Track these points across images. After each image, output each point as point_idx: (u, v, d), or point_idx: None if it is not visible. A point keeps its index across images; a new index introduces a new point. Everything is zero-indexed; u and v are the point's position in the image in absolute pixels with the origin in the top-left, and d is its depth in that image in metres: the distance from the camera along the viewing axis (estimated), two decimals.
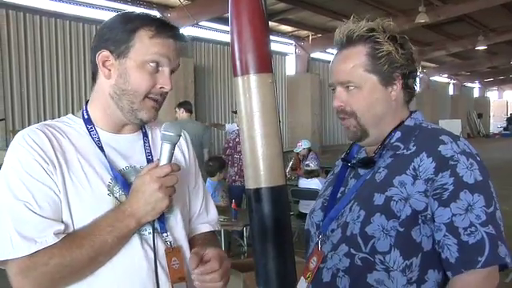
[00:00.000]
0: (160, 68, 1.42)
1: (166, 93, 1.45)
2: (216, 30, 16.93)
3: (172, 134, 1.37)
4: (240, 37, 2.08)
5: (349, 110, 1.53)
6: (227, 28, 2.26)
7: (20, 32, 12.41)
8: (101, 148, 1.43)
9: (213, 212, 1.74)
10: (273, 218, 2.13)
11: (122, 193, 1.40)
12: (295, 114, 19.79)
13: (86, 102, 1.52)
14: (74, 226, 1.34)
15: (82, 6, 13.63)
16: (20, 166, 1.31)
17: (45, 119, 13.42)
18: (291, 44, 20.38)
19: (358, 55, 1.51)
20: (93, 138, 1.44)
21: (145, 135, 1.55)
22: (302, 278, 1.61)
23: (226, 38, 16.42)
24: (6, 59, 12.16)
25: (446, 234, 1.36)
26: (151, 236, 1.41)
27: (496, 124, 39.02)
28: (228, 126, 9.99)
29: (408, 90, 1.56)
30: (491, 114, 39.84)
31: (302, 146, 8.86)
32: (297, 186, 7.41)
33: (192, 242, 1.60)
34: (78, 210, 1.34)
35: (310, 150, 8.80)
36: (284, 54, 20.53)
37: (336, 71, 1.56)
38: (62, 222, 1.32)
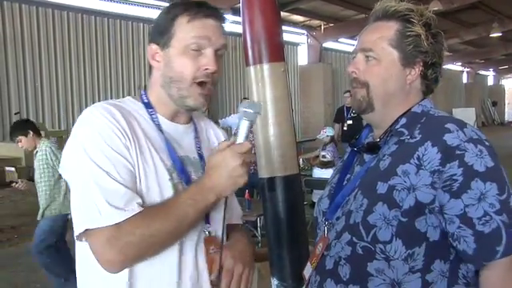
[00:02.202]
0: (203, 51, 1.43)
1: (214, 75, 1.45)
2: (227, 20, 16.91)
3: (251, 111, 1.36)
4: (252, 26, 2.09)
5: (362, 80, 1.52)
6: (238, 18, 2.26)
7: (33, 26, 12.51)
8: (162, 132, 1.46)
9: (238, 207, 1.78)
10: (286, 208, 2.14)
11: (179, 180, 1.43)
12: (308, 104, 19.77)
13: (145, 87, 1.55)
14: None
15: None
16: (101, 138, 1.32)
17: (58, 112, 13.62)
18: (303, 34, 20.31)
19: (388, 29, 1.51)
20: (154, 121, 1.47)
21: (195, 130, 1.58)
22: (309, 263, 1.61)
23: (237, 28, 16.35)
24: (20, 54, 12.27)
25: (461, 225, 1.32)
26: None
27: (511, 112, 38.60)
28: (221, 122, 9.52)
29: (426, 81, 1.54)
30: (506, 102, 39.38)
31: (326, 133, 8.29)
32: (310, 175, 7.39)
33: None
34: (143, 190, 1.36)
35: (332, 138, 8.29)
36: (296, 44, 20.47)
37: (362, 39, 1.55)
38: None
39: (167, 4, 1.61)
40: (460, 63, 32.27)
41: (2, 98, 12.09)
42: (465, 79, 35.16)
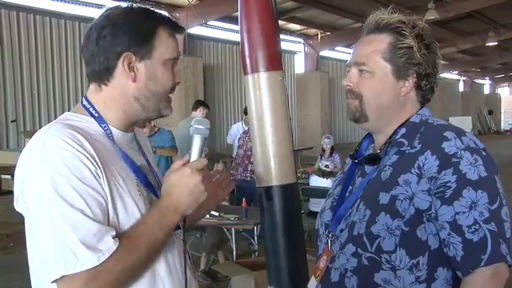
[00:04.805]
0: (175, 65, 1.45)
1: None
2: (224, 29, 16.95)
3: (202, 128, 1.40)
4: (250, 35, 2.09)
5: (356, 91, 1.54)
6: (236, 27, 2.27)
7: (30, 34, 12.51)
8: (119, 147, 1.40)
9: None
10: (284, 217, 2.13)
11: (147, 192, 1.41)
12: (305, 113, 19.78)
13: (87, 99, 1.43)
14: (120, 229, 1.29)
15: (90, 7, 13.69)
16: (68, 170, 1.22)
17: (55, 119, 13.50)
18: (300, 42, 20.36)
19: (380, 42, 1.52)
20: (109, 136, 1.39)
21: (135, 135, 1.54)
22: (313, 276, 1.60)
23: (235, 37, 16.41)
24: (17, 61, 12.26)
25: (451, 232, 1.34)
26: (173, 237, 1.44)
27: (507, 120, 38.67)
28: (228, 137, 9.48)
29: (421, 91, 1.55)
30: (502, 111, 39.51)
31: (332, 141, 8.16)
32: (307, 184, 7.39)
33: None
34: (123, 214, 1.31)
35: (332, 148, 8.14)
36: (293, 53, 20.51)
37: (355, 52, 1.57)
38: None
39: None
40: (456, 72, 32.38)
41: None
42: (461, 88, 35.26)
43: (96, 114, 1.40)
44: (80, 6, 13.52)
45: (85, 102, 1.42)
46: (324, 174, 7.29)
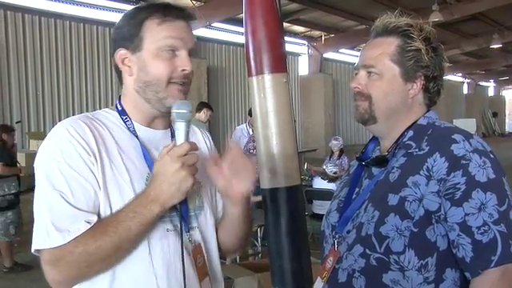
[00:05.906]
0: (177, 52, 1.42)
1: (189, 75, 1.44)
2: (228, 30, 16.98)
3: (185, 111, 1.36)
4: (255, 37, 2.08)
5: (365, 93, 1.55)
6: (240, 29, 2.29)
7: (35, 35, 12.57)
8: (138, 138, 1.44)
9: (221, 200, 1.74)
10: (288, 219, 2.13)
11: None
12: (308, 115, 19.79)
13: (120, 97, 1.53)
14: None
15: (95, 9, 13.74)
16: (60, 155, 1.32)
17: (60, 121, 13.56)
18: (304, 44, 20.38)
19: (389, 45, 1.54)
20: (128, 127, 1.45)
21: (172, 135, 1.53)
22: (319, 277, 1.61)
23: (239, 38, 16.44)
24: (22, 63, 12.32)
25: (460, 233, 1.35)
26: (172, 233, 1.42)
27: (511, 123, 38.61)
28: (232, 140, 9.54)
29: (428, 94, 1.56)
30: (507, 113, 39.42)
31: (340, 143, 8.14)
32: (311, 186, 7.39)
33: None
34: (118, 203, 1.34)
35: (342, 150, 8.10)
36: (297, 55, 20.54)
37: (363, 55, 1.59)
38: (99, 214, 1.33)
39: None
40: (461, 74, 32.32)
41: (4, 106, 12.13)
42: (465, 90, 35.18)
43: (120, 108, 1.49)
44: (84, 8, 13.58)
45: (117, 101, 1.53)
46: (329, 178, 7.25)
